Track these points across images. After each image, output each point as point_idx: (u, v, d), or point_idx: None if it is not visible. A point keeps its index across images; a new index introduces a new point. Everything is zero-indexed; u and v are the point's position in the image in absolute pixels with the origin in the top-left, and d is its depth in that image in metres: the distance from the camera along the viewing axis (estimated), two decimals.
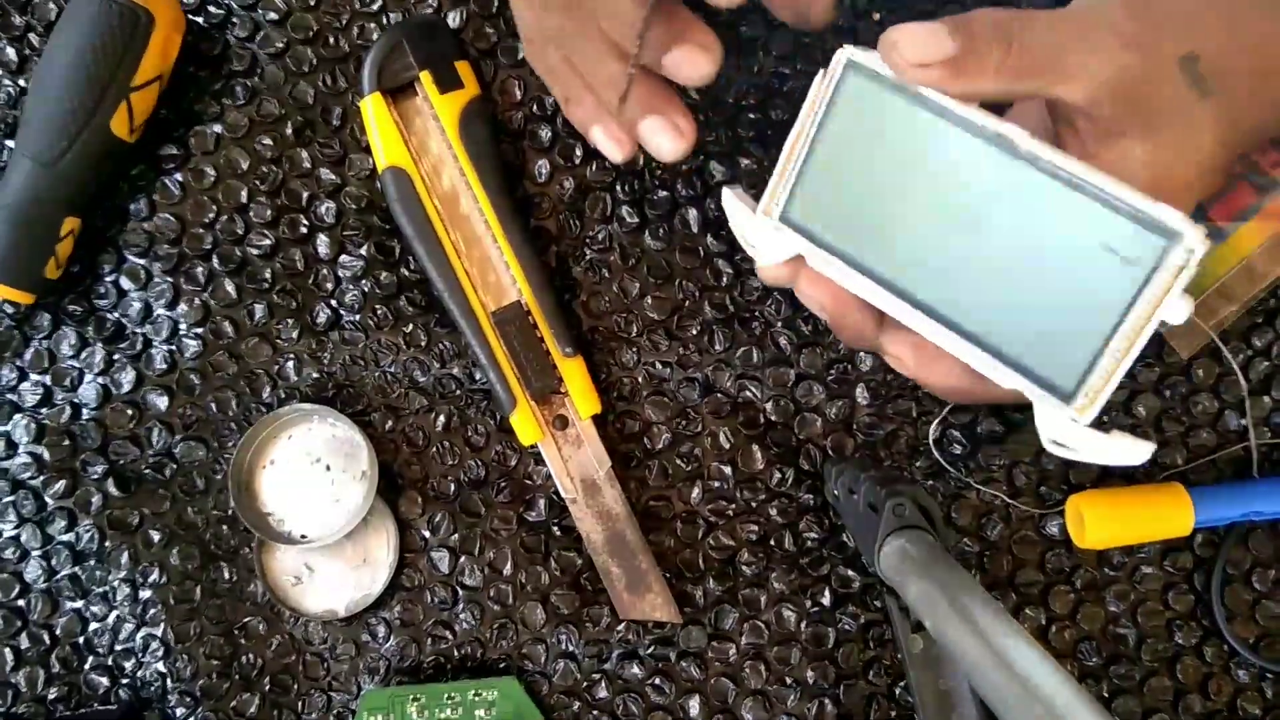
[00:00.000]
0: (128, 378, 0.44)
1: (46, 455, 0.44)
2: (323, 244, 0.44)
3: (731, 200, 0.35)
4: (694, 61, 0.34)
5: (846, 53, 0.31)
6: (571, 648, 0.43)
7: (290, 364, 0.44)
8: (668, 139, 0.36)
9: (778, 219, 0.33)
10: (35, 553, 0.44)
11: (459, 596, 0.43)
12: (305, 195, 0.44)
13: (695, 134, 0.36)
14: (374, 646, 0.44)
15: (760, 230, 0.34)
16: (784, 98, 0.43)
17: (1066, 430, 0.29)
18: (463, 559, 0.44)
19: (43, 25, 0.44)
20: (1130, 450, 0.29)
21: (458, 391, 0.44)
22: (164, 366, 0.44)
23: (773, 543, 0.43)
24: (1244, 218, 0.40)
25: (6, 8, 0.44)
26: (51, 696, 0.43)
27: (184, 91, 0.44)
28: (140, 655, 0.44)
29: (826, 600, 0.43)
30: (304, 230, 0.44)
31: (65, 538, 0.44)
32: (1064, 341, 0.29)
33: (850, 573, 0.43)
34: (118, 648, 0.44)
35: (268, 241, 0.44)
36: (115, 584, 0.44)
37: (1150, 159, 0.29)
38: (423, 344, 0.44)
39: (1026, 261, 0.29)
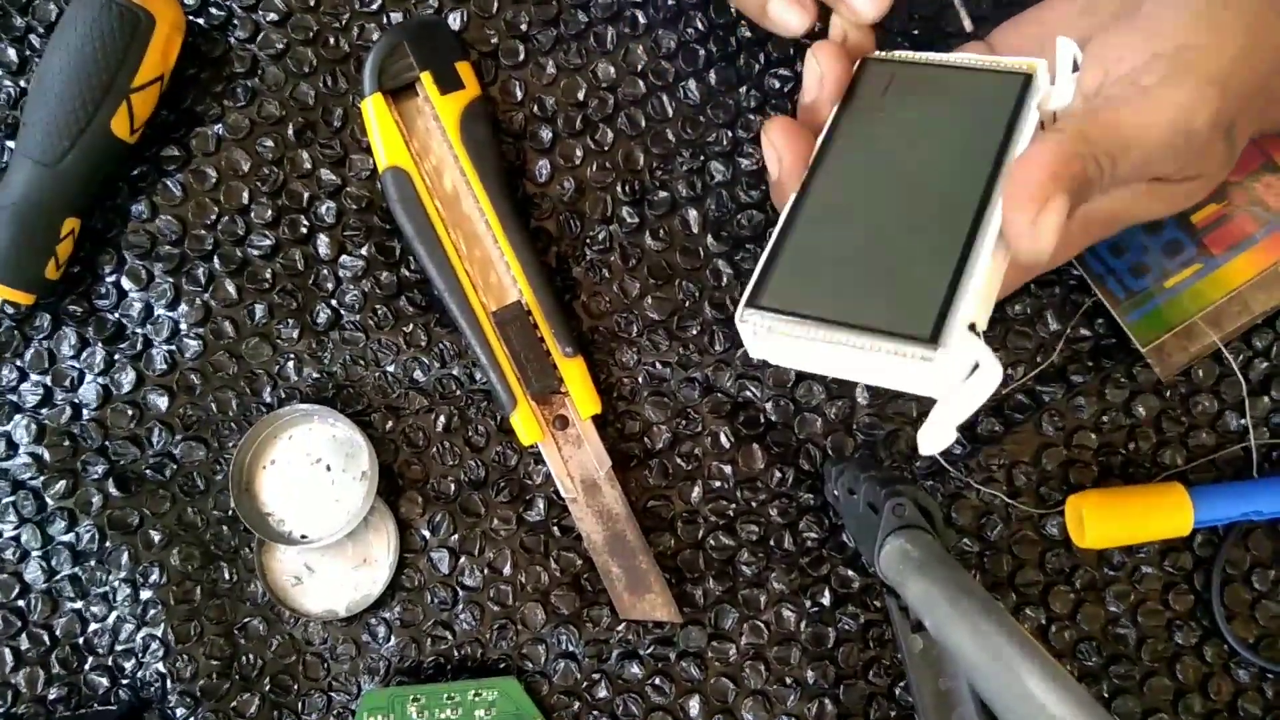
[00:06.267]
0: (128, 378, 0.44)
1: (47, 455, 0.44)
2: (323, 244, 0.44)
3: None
4: None
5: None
6: (571, 648, 0.43)
7: (290, 364, 0.44)
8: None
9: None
10: (35, 553, 0.44)
11: (459, 597, 0.44)
12: (306, 196, 0.44)
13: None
14: (374, 647, 0.44)
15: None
16: (784, 98, 0.44)
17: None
18: (463, 559, 0.44)
19: (43, 26, 0.44)
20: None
21: (458, 391, 0.44)
22: (164, 367, 0.44)
23: (773, 543, 0.43)
24: (1241, 248, 0.40)
25: (7, 8, 0.44)
26: (52, 697, 0.43)
27: (185, 93, 0.44)
28: (140, 655, 0.44)
29: (826, 600, 0.43)
30: (304, 231, 0.44)
31: (65, 538, 0.44)
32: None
33: (850, 573, 0.43)
34: (118, 648, 0.44)
35: (268, 242, 0.44)
36: (115, 584, 0.44)
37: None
38: (423, 344, 0.44)
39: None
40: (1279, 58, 0.32)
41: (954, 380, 0.28)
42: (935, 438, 0.29)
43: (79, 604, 0.44)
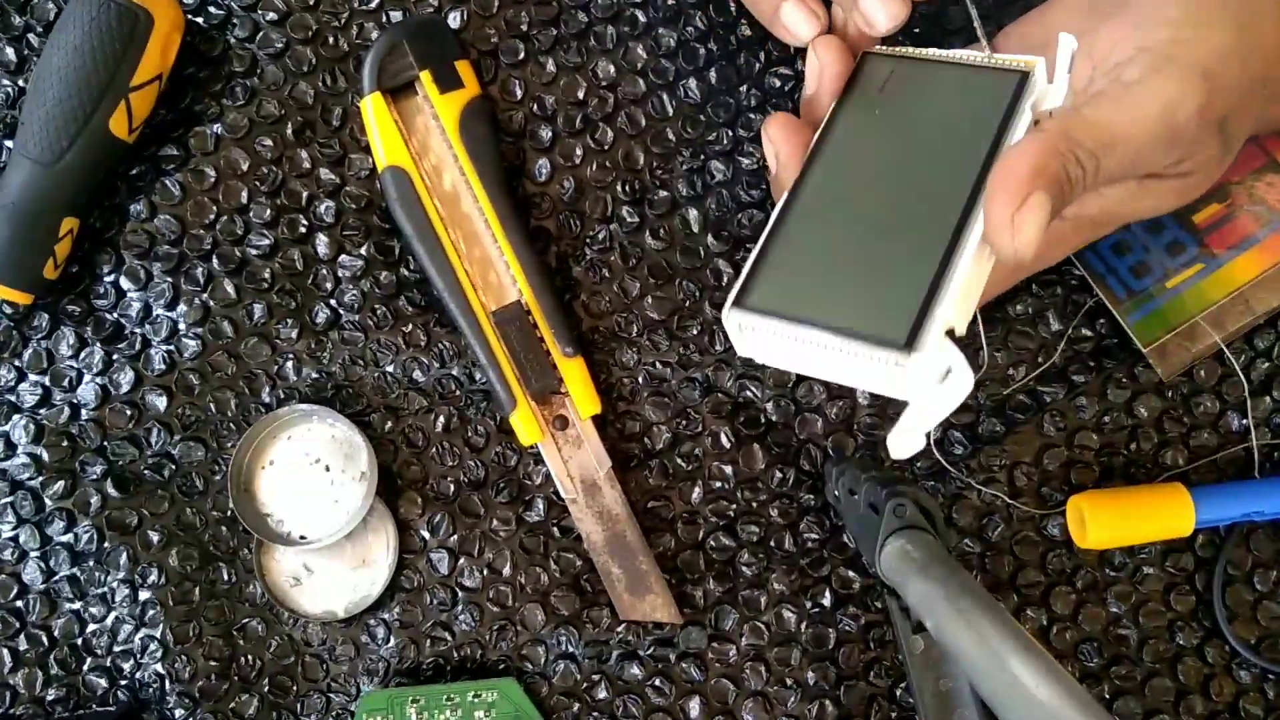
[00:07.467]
0: (126, 378, 0.44)
1: (45, 456, 0.44)
2: (322, 244, 0.44)
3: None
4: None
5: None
6: (571, 649, 0.43)
7: (289, 364, 0.44)
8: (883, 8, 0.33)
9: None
10: (34, 554, 0.44)
11: (458, 598, 0.43)
12: (305, 195, 0.44)
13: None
14: (373, 648, 0.43)
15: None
16: (784, 97, 0.43)
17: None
18: (462, 560, 0.43)
19: (41, 25, 0.44)
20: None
21: (457, 392, 0.44)
22: (163, 367, 0.44)
23: (773, 543, 0.43)
24: (1243, 248, 0.40)
25: (5, 8, 0.44)
26: (50, 698, 0.43)
27: (184, 92, 0.44)
28: (139, 656, 0.44)
29: (827, 601, 0.43)
30: (303, 230, 0.44)
31: (64, 539, 0.44)
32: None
33: (851, 573, 0.43)
34: (116, 649, 0.44)
35: (267, 242, 0.44)
36: (114, 585, 0.44)
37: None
38: (422, 344, 0.44)
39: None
40: (1275, 52, 0.31)
41: (927, 385, 0.28)
42: (905, 443, 0.29)
43: (77, 605, 0.44)
